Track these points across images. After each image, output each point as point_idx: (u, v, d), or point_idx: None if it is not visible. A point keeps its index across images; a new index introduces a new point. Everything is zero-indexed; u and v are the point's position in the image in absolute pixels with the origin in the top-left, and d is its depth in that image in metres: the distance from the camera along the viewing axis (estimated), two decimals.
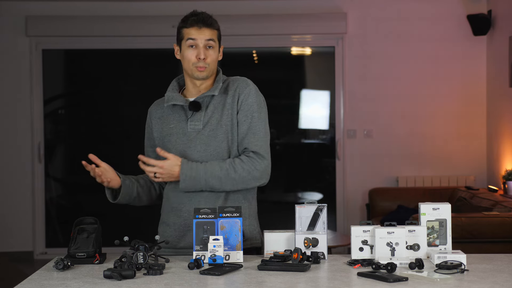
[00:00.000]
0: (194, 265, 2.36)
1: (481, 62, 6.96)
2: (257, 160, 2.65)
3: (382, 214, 6.53)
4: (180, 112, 2.74)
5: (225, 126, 2.68)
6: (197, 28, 2.68)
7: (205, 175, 2.61)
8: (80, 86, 7.47)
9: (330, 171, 7.20)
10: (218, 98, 2.72)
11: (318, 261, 2.45)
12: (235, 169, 2.62)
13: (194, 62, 2.68)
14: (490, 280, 2.21)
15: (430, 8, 6.98)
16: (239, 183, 2.64)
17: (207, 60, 2.67)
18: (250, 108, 2.68)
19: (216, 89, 2.70)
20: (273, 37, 7.09)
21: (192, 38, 2.67)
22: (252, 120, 2.68)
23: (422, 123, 7.02)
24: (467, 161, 7.01)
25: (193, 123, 2.70)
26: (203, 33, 2.67)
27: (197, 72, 2.68)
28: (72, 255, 2.48)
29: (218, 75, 2.77)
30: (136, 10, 7.02)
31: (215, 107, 2.71)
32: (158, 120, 2.80)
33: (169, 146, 2.72)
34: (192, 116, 2.71)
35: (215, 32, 2.70)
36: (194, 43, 2.67)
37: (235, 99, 2.70)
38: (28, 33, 6.92)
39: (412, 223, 2.54)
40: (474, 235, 4.66)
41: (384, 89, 7.03)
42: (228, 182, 2.63)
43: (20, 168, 7.04)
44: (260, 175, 2.65)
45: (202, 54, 2.66)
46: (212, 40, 2.68)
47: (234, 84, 2.73)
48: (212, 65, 2.69)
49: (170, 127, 2.74)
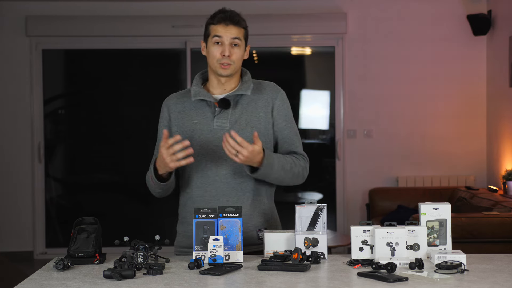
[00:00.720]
0: (194, 265, 2.36)
1: (481, 62, 6.97)
2: (307, 162, 2.77)
3: (382, 214, 6.53)
4: (205, 108, 2.71)
5: (255, 128, 2.69)
6: (224, 25, 2.66)
7: (278, 166, 2.63)
8: (80, 86, 7.48)
9: (330, 171, 7.20)
10: (248, 98, 2.72)
11: (318, 261, 2.45)
12: (296, 165, 2.71)
13: (218, 59, 2.66)
14: (490, 280, 2.21)
15: (430, 8, 6.98)
16: (294, 179, 2.73)
17: (232, 58, 2.66)
18: (288, 113, 2.77)
19: (248, 89, 2.70)
20: (273, 37, 7.10)
21: (218, 35, 2.66)
22: (293, 125, 2.78)
23: (422, 123, 7.02)
24: (467, 161, 7.01)
25: (219, 121, 2.68)
26: (229, 31, 2.66)
27: (221, 69, 2.67)
28: (72, 255, 2.47)
29: (247, 75, 2.77)
30: (136, 10, 7.03)
31: (243, 107, 2.71)
32: (178, 114, 2.74)
33: (191, 142, 2.65)
34: (219, 113, 2.69)
35: (241, 30, 2.69)
36: (220, 40, 2.66)
37: (269, 103, 2.73)
38: (28, 33, 6.92)
39: (412, 223, 2.54)
40: (474, 235, 4.66)
41: (384, 89, 7.03)
42: (289, 176, 2.70)
43: (20, 168, 7.04)
44: (306, 176, 2.79)
45: (227, 51, 2.65)
46: (237, 39, 2.67)
47: (265, 87, 2.76)
48: (236, 63, 2.68)
49: (193, 123, 2.71)
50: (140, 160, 7.26)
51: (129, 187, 7.38)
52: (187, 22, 6.87)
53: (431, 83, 6.99)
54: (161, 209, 7.14)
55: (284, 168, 2.66)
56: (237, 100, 2.71)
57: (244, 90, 2.70)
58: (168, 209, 7.58)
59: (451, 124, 7.02)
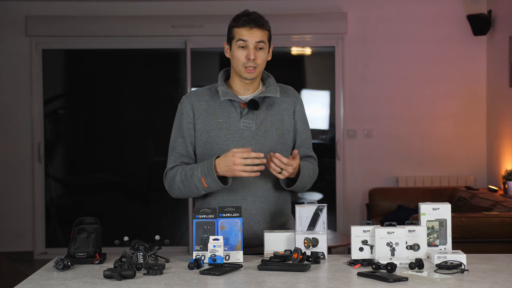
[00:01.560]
0: (194, 265, 2.36)
1: (481, 62, 6.96)
2: (317, 166, 2.85)
3: (382, 214, 6.53)
4: (230, 108, 2.72)
5: (279, 129, 2.73)
6: (248, 28, 2.67)
7: (307, 176, 2.71)
8: (80, 86, 7.47)
9: (330, 171, 7.20)
10: (271, 100, 2.75)
11: (318, 261, 2.45)
12: (315, 171, 2.82)
13: (243, 62, 2.67)
14: (490, 280, 2.21)
15: (430, 8, 6.98)
16: (311, 184, 2.80)
17: (257, 61, 2.67)
18: (305, 118, 2.86)
19: (277, 92, 2.74)
20: (273, 37, 7.06)
21: (243, 39, 2.66)
22: (309, 130, 2.87)
23: (422, 123, 7.02)
24: (467, 161, 7.01)
25: (246, 121, 2.70)
26: (254, 34, 2.67)
27: (246, 73, 2.68)
28: (72, 255, 2.47)
29: (270, 78, 2.81)
30: (136, 10, 7.02)
31: (267, 108, 2.74)
32: (203, 112, 2.72)
33: (217, 141, 2.68)
34: (246, 114, 2.70)
35: (265, 33, 2.70)
36: (245, 44, 2.67)
37: (291, 107, 2.79)
38: (28, 33, 6.92)
39: (412, 223, 2.54)
40: (474, 235, 4.66)
41: (384, 89, 7.03)
42: (309, 181, 2.77)
43: (20, 168, 7.04)
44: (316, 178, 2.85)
45: (252, 54, 2.66)
46: (262, 42, 2.68)
47: (288, 91, 2.83)
48: (261, 66, 2.70)
49: (218, 122, 2.70)
50: (140, 160, 7.31)
51: (129, 187, 7.38)
52: (187, 22, 6.87)
53: (431, 83, 6.99)
54: (161, 209, 7.15)
55: (310, 176, 2.76)
56: (262, 102, 2.75)
57: (272, 93, 2.73)
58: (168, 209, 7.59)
59: (451, 124, 7.01)
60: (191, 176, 2.62)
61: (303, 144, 2.81)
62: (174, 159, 2.73)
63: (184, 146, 2.73)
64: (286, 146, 2.74)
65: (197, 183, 2.61)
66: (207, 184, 2.59)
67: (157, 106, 7.06)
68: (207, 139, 2.70)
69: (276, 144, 2.71)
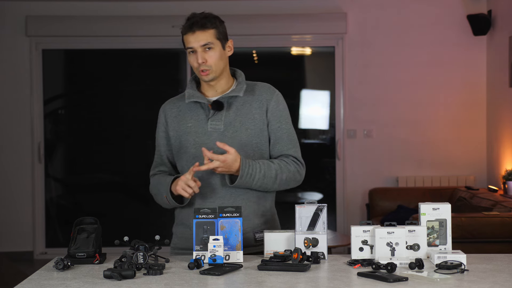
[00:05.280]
0: (194, 265, 2.36)
1: (481, 62, 6.97)
2: (300, 166, 2.73)
3: (382, 214, 6.53)
4: (199, 111, 2.71)
5: (250, 130, 2.68)
6: (191, 33, 2.64)
7: (259, 174, 2.61)
8: (80, 86, 7.48)
9: (330, 171, 7.20)
10: (241, 100, 2.71)
11: (318, 261, 2.45)
12: (284, 170, 2.67)
13: (196, 67, 2.66)
14: (490, 280, 2.21)
15: (430, 8, 6.98)
16: (284, 185, 2.70)
17: (208, 63, 2.65)
18: (283, 115, 2.74)
19: (241, 90, 2.69)
20: (273, 37, 7.10)
21: (190, 46, 2.65)
22: (288, 127, 2.74)
23: (422, 123, 7.02)
24: (467, 161, 7.01)
25: (213, 123, 2.68)
26: (197, 38, 2.63)
27: (202, 76, 2.67)
28: (72, 255, 2.47)
29: (241, 76, 2.77)
30: (136, 10, 7.02)
31: (237, 108, 2.70)
32: (174, 118, 2.74)
33: (187, 145, 2.69)
34: (213, 115, 2.69)
35: (211, 32, 2.65)
36: (193, 49, 2.66)
37: (263, 105, 2.71)
38: (28, 33, 6.92)
39: (412, 223, 2.54)
40: (474, 235, 4.66)
41: (384, 89, 7.03)
42: (277, 182, 2.67)
43: (20, 168, 7.04)
44: (300, 179, 2.75)
45: (200, 58, 2.63)
46: (208, 43, 2.64)
47: (260, 89, 2.75)
48: (215, 66, 2.66)
49: (187, 126, 2.70)
50: (140, 160, 7.31)
51: (129, 187, 7.38)
52: None
53: (431, 83, 6.99)
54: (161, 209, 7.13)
55: (269, 175, 2.63)
56: (231, 102, 2.70)
57: (237, 92, 2.69)
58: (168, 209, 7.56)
59: (451, 123, 7.01)
60: (160, 193, 2.73)
61: (277, 142, 2.71)
62: (153, 167, 2.84)
63: (159, 155, 2.81)
64: (261, 146, 2.69)
65: (165, 200, 2.71)
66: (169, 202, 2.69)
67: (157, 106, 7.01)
68: (179, 145, 2.72)
69: (246, 145, 2.65)
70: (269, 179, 2.64)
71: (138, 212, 7.31)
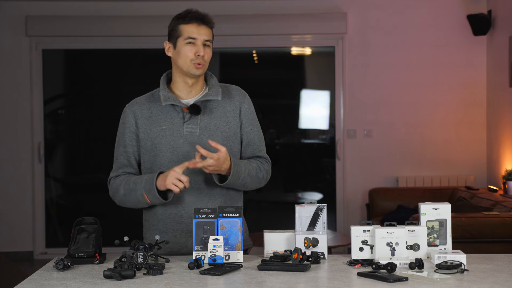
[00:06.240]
0: (194, 265, 2.36)
1: (481, 62, 6.96)
2: (269, 165, 2.78)
3: (382, 214, 6.53)
4: (173, 113, 2.69)
5: (225, 132, 2.68)
6: (196, 25, 2.65)
7: (244, 173, 2.64)
8: (80, 86, 7.48)
9: (330, 171, 7.20)
10: (214, 103, 2.70)
11: (318, 261, 2.45)
12: (261, 170, 2.72)
13: (192, 59, 2.64)
14: (490, 280, 2.21)
15: (430, 8, 6.98)
16: (257, 184, 2.73)
17: (205, 58, 2.66)
18: (254, 117, 2.77)
19: (218, 94, 2.68)
20: (273, 37, 7.09)
21: (192, 35, 2.64)
22: (258, 129, 2.78)
23: (422, 123, 7.02)
24: (467, 161, 7.01)
25: (189, 127, 2.67)
26: (202, 31, 2.65)
27: (194, 69, 2.65)
28: (72, 255, 2.47)
29: (213, 79, 2.75)
30: (136, 10, 7.02)
31: (212, 111, 2.69)
32: (145, 120, 2.71)
33: (161, 148, 2.66)
34: (189, 119, 2.67)
35: (211, 31, 2.69)
36: (193, 41, 2.65)
37: (236, 107, 2.72)
38: (28, 33, 6.92)
39: (412, 223, 2.54)
40: (474, 235, 4.66)
41: (384, 89, 7.03)
42: (255, 181, 2.70)
43: (20, 168, 7.04)
44: (268, 178, 2.79)
45: (202, 50, 2.64)
46: (209, 40, 2.67)
47: (232, 91, 2.75)
48: (207, 63, 2.68)
49: (161, 129, 2.68)
50: None
51: None
52: None
53: (431, 83, 6.99)
54: None
55: (250, 174, 2.67)
56: (205, 105, 2.70)
57: (213, 95, 2.68)
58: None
59: (451, 123, 7.01)
60: (134, 190, 2.66)
61: (250, 144, 2.74)
62: (116, 168, 2.78)
63: (125, 156, 2.76)
64: (234, 148, 2.70)
65: (140, 198, 2.65)
66: (150, 199, 2.63)
67: None
68: (151, 147, 2.68)
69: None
70: (252, 177, 2.67)
71: (138, 212, 7.30)
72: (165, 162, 2.66)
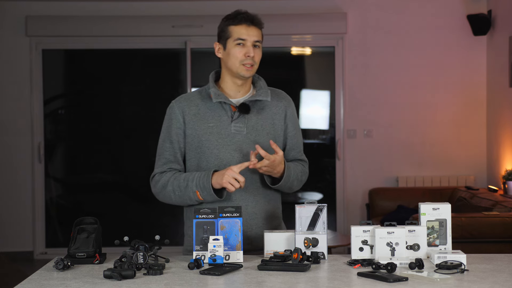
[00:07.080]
0: (194, 265, 2.36)
1: (481, 62, 6.97)
2: (307, 169, 2.85)
3: (382, 214, 6.53)
4: (221, 111, 2.70)
5: (270, 134, 2.72)
6: (246, 25, 2.68)
7: (293, 176, 2.70)
8: (80, 86, 7.47)
9: (330, 171, 7.20)
10: (262, 104, 2.73)
11: (318, 261, 2.45)
12: (304, 173, 2.81)
13: (242, 60, 2.65)
14: (490, 280, 2.21)
15: (430, 8, 6.98)
16: (299, 186, 2.81)
17: (255, 59, 2.67)
18: (297, 122, 2.85)
19: (268, 95, 2.71)
20: (273, 37, 7.08)
21: (242, 37, 2.66)
22: (300, 133, 2.86)
23: (422, 123, 7.02)
24: (467, 161, 7.01)
25: (237, 125, 2.68)
26: (252, 32, 2.68)
27: (243, 70, 2.66)
28: (72, 255, 2.47)
29: (261, 80, 2.78)
30: (136, 10, 7.02)
31: (259, 112, 2.72)
32: (193, 116, 2.69)
33: (208, 145, 2.66)
34: (237, 118, 2.69)
35: (260, 32, 2.72)
36: (243, 42, 2.66)
37: (282, 111, 2.77)
38: (28, 33, 6.92)
39: (412, 223, 2.54)
40: (474, 235, 4.66)
41: (384, 89, 7.03)
42: (299, 184, 2.79)
43: (20, 168, 7.04)
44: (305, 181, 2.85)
45: (252, 51, 2.65)
46: (259, 41, 2.69)
47: (279, 94, 2.80)
48: (257, 64, 2.69)
49: (209, 126, 2.68)
50: (140, 160, 7.31)
51: (129, 187, 7.38)
52: (187, 22, 6.86)
53: (431, 83, 6.99)
54: (161, 209, 7.15)
55: (298, 178, 2.74)
56: (253, 105, 2.72)
57: (263, 96, 2.71)
58: (168, 209, 7.59)
59: (451, 123, 7.01)
60: (185, 188, 2.63)
61: (293, 148, 2.81)
62: (161, 164, 2.72)
63: (172, 152, 2.72)
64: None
65: (192, 195, 2.63)
66: (202, 197, 2.62)
67: (157, 106, 7.05)
68: (198, 144, 2.68)
69: (267, 148, 2.65)
70: (298, 181, 2.76)
71: (138, 212, 7.31)
72: (211, 159, 2.66)
